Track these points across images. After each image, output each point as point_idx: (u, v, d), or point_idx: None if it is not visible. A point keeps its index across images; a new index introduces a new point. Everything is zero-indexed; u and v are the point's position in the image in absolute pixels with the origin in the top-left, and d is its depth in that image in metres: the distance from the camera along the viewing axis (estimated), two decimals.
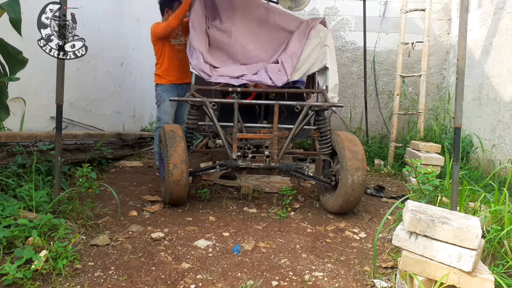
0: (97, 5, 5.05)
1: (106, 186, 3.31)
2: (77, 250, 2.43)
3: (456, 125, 2.66)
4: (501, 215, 2.65)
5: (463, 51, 2.60)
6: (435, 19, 6.37)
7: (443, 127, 5.80)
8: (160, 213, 3.27)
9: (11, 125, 3.59)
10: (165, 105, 4.29)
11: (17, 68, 2.61)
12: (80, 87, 4.82)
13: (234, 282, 2.20)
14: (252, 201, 3.69)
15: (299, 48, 3.80)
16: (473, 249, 1.87)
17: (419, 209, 2.10)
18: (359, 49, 6.50)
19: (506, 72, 4.40)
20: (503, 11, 4.55)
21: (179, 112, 4.52)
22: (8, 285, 2.00)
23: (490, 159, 4.62)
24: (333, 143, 3.48)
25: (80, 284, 2.10)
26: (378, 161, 5.51)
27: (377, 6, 6.51)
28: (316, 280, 2.27)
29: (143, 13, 6.44)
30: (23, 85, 3.26)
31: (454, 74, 5.70)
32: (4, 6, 2.41)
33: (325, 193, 3.58)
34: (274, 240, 2.82)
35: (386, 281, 2.27)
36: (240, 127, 3.67)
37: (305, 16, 6.55)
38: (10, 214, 2.46)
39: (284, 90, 3.90)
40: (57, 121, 2.76)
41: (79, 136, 4.26)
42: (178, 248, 2.62)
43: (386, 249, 2.73)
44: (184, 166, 3.16)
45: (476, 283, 1.86)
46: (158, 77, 4.36)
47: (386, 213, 2.66)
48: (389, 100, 6.54)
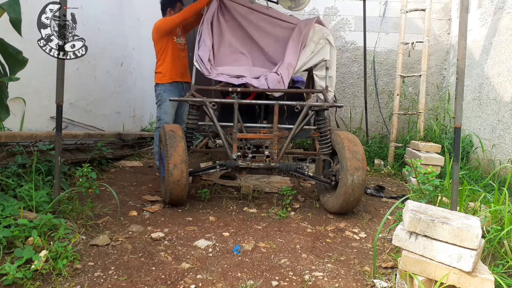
0: (97, 5, 5.04)
1: (106, 186, 3.31)
2: (77, 250, 2.43)
3: (456, 125, 2.66)
4: (501, 215, 2.65)
5: (463, 51, 2.60)
6: (435, 19, 6.37)
7: (443, 127, 5.80)
8: (160, 213, 3.27)
9: (11, 125, 3.59)
10: (165, 105, 4.29)
11: (17, 68, 2.61)
12: (80, 87, 4.82)
13: (234, 282, 2.20)
14: (252, 201, 3.69)
15: (294, 59, 3.83)
16: (473, 249, 1.87)
17: (419, 209, 2.10)
18: (359, 49, 6.50)
19: (506, 72, 4.40)
20: (503, 11, 4.54)
21: (179, 112, 4.53)
22: (8, 285, 2.00)
23: (490, 159, 4.62)
24: (333, 143, 3.48)
25: (80, 284, 2.10)
26: (378, 161, 5.51)
27: (377, 6, 6.51)
28: (316, 280, 2.27)
29: (143, 13, 6.44)
30: (23, 85, 3.26)
31: (454, 74, 5.70)
32: (4, 6, 2.41)
33: (325, 193, 3.58)
34: (274, 240, 2.82)
35: (386, 281, 2.27)
36: (240, 127, 3.68)
37: (305, 16, 6.55)
38: (10, 214, 2.46)
39: (284, 90, 3.90)
40: (57, 121, 2.76)
41: (79, 136, 4.25)
42: (178, 248, 2.62)
43: (386, 249, 2.73)
44: (184, 166, 3.16)
45: (476, 283, 1.86)
46: (158, 76, 4.35)
47: (386, 213, 2.66)
48: (389, 100, 6.54)
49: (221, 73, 3.74)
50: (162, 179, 3.41)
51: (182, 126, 3.90)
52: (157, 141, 4.22)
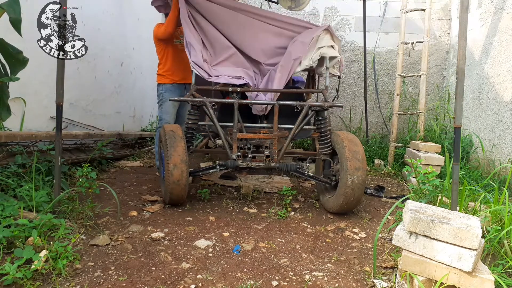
0: (97, 5, 5.04)
1: (106, 186, 3.31)
2: (77, 250, 2.43)
3: (456, 125, 2.66)
4: (501, 215, 2.65)
5: (463, 51, 2.60)
6: (435, 19, 6.37)
7: (443, 127, 5.80)
8: (160, 213, 3.27)
9: (11, 125, 3.59)
10: (167, 105, 4.29)
11: (17, 68, 2.61)
12: (80, 87, 4.82)
13: (234, 282, 2.20)
14: (252, 201, 3.69)
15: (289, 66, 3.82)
16: (473, 249, 1.87)
17: (419, 209, 2.10)
18: (359, 49, 6.50)
19: (506, 72, 4.40)
20: (503, 11, 4.54)
21: (181, 112, 4.53)
22: (8, 285, 2.00)
23: (490, 159, 4.62)
24: (333, 143, 3.48)
25: (80, 284, 2.10)
26: (378, 161, 5.51)
27: (377, 6, 6.51)
28: (316, 280, 2.27)
29: (143, 13, 6.44)
30: (23, 85, 3.26)
31: (454, 74, 5.70)
32: (4, 6, 2.41)
33: (325, 193, 3.58)
34: (274, 240, 2.82)
35: (386, 281, 2.27)
36: (240, 127, 3.67)
37: (305, 16, 6.56)
38: (10, 214, 2.46)
39: (284, 90, 3.90)
40: (57, 121, 2.76)
41: (79, 136, 4.26)
42: (178, 248, 2.62)
43: (386, 249, 2.73)
44: (184, 166, 3.16)
45: (476, 283, 1.86)
46: (160, 77, 4.37)
47: (386, 213, 2.66)
48: (389, 100, 6.54)
49: (220, 75, 3.73)
50: (162, 179, 3.41)
51: (183, 125, 3.90)
52: (157, 141, 4.22)
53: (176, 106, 4.41)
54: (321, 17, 6.62)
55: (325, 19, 6.60)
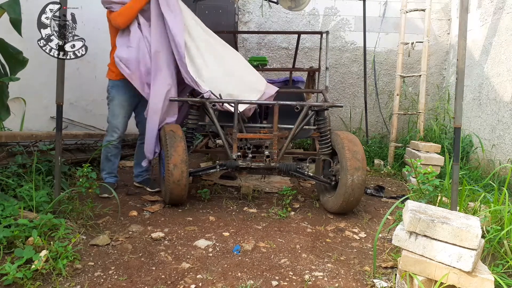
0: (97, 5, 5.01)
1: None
2: (77, 250, 2.43)
3: (456, 125, 2.66)
4: (501, 215, 2.65)
5: (463, 51, 2.60)
6: (435, 19, 6.37)
7: (443, 127, 5.80)
8: (160, 213, 3.27)
9: (11, 125, 3.59)
10: (113, 105, 3.79)
11: (17, 68, 2.61)
12: (80, 87, 4.82)
13: (234, 282, 2.20)
14: (252, 201, 3.69)
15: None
16: (473, 249, 1.87)
17: (419, 209, 2.10)
18: (359, 49, 6.50)
19: (506, 72, 4.40)
20: (503, 11, 4.55)
21: (138, 111, 4.05)
22: (8, 285, 2.00)
23: (490, 159, 4.62)
24: (333, 143, 3.49)
25: (80, 284, 2.10)
26: (378, 161, 5.51)
27: (377, 6, 6.51)
28: (316, 280, 2.27)
29: None
30: (23, 85, 3.26)
31: (454, 74, 5.70)
32: (4, 6, 2.42)
33: (325, 193, 3.58)
34: (274, 240, 2.82)
35: (386, 281, 2.27)
36: (240, 127, 3.67)
37: (305, 16, 6.56)
38: (10, 214, 2.46)
39: (284, 90, 3.90)
40: (57, 121, 2.76)
41: (79, 136, 4.26)
42: (178, 248, 2.62)
43: (386, 249, 2.73)
44: (184, 166, 3.16)
45: (476, 283, 1.86)
46: (108, 71, 4.29)
47: (386, 213, 2.66)
48: (389, 100, 6.54)
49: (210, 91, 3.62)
50: (162, 179, 3.41)
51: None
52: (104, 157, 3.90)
53: (125, 106, 3.64)
54: (321, 17, 6.62)
55: (325, 19, 6.61)
